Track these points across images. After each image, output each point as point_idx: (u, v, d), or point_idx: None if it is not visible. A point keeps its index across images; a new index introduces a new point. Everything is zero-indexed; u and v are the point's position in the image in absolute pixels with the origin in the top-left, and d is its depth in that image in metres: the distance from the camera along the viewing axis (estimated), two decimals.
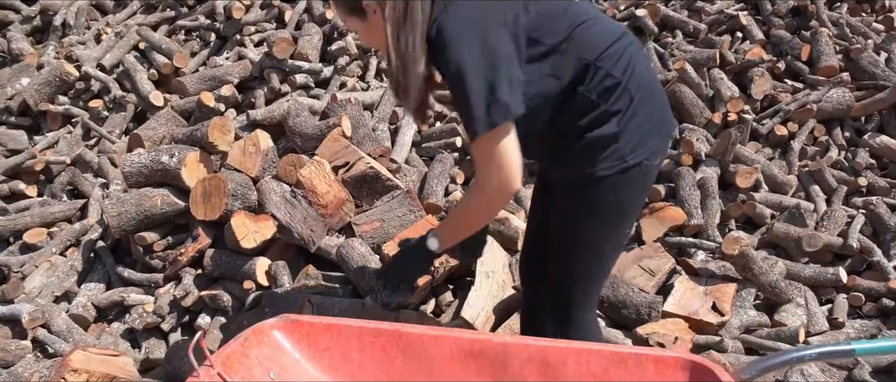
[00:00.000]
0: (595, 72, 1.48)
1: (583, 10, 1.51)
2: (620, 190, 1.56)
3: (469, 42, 1.38)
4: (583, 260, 1.68)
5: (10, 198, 3.29)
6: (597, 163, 1.52)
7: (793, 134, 3.42)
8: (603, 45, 1.48)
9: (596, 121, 1.50)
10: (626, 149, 1.51)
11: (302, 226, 2.49)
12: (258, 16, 3.96)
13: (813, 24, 3.90)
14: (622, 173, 1.53)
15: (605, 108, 1.49)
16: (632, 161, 1.52)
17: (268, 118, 3.09)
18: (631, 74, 1.50)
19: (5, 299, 2.58)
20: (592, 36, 1.49)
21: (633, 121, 1.51)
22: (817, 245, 2.78)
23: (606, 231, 1.64)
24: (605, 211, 1.60)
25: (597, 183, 1.54)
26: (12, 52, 4.02)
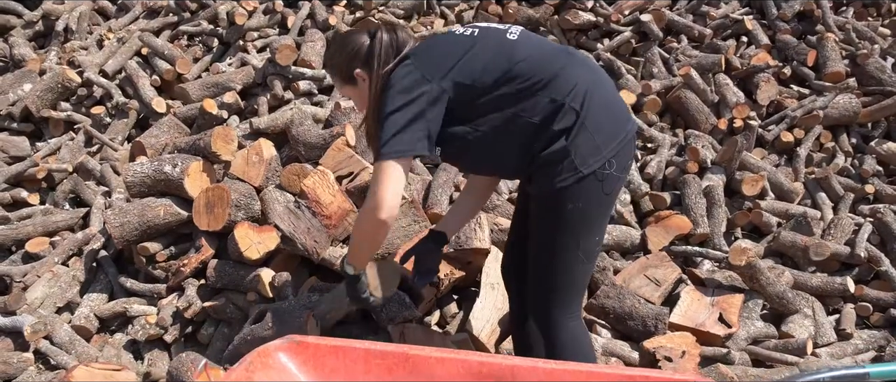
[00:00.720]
0: (536, 99, 1.67)
1: (520, 46, 1.70)
2: (579, 198, 1.70)
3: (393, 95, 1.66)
4: (556, 266, 1.80)
5: (13, 206, 3.28)
6: (554, 176, 1.69)
7: (799, 140, 3.40)
8: (540, 74, 1.67)
9: (546, 142, 1.67)
10: (578, 161, 1.67)
11: (306, 237, 2.47)
12: (261, 21, 3.94)
13: (819, 29, 3.89)
14: (578, 183, 1.68)
15: (552, 128, 1.66)
16: (585, 171, 1.67)
17: (271, 126, 3.07)
18: (573, 94, 1.66)
19: (7, 310, 2.57)
20: (529, 69, 1.67)
21: (582, 136, 1.66)
22: (824, 254, 2.76)
23: (573, 238, 1.76)
24: (568, 219, 1.73)
25: (557, 194, 1.70)
26: (14, 57, 4.01)
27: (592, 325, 2.52)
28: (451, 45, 1.72)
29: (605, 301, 2.52)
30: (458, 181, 3.05)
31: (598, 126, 1.68)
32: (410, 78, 1.67)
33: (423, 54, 1.72)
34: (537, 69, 1.68)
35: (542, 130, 1.67)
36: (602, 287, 2.57)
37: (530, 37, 1.77)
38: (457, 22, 4.05)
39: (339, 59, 1.81)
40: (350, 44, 1.79)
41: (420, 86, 1.65)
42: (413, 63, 1.69)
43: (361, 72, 1.76)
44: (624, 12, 4.03)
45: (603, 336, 2.47)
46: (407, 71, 1.68)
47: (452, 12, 4.09)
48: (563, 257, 1.77)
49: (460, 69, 1.67)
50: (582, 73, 1.70)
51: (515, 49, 1.70)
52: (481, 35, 1.73)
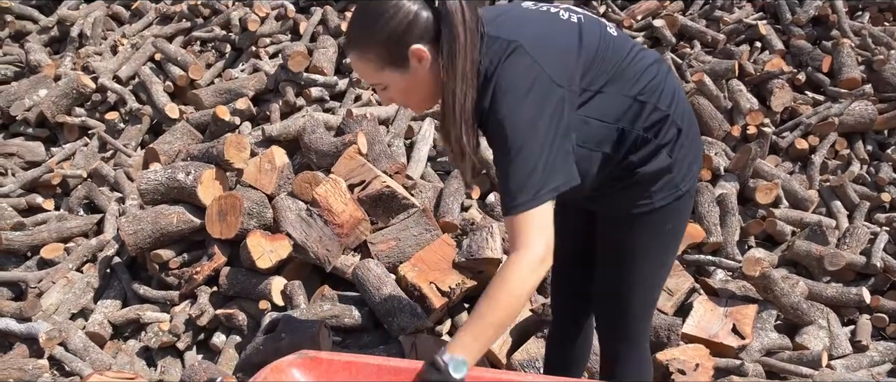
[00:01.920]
0: (641, 107, 1.43)
1: (622, 45, 1.45)
2: (675, 218, 1.56)
3: (531, 103, 1.26)
4: (640, 291, 1.63)
5: (28, 212, 3.31)
6: (653, 195, 1.50)
7: (814, 147, 3.36)
8: (646, 78, 1.43)
9: (648, 156, 1.46)
10: (679, 178, 1.50)
11: (317, 246, 2.48)
12: (273, 27, 3.96)
13: (834, 34, 3.85)
14: (677, 201, 1.52)
15: (657, 143, 1.45)
16: (684, 188, 1.52)
17: (283, 134, 3.08)
18: (675, 105, 1.48)
19: (23, 317, 2.59)
20: (634, 71, 1.43)
21: (682, 151, 1.49)
22: (839, 263, 2.73)
23: (663, 258, 1.63)
24: (662, 240, 1.58)
25: (653, 214, 1.51)
26: (30, 63, 4.05)
27: None
28: (562, 33, 1.37)
29: None
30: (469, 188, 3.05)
31: (692, 141, 1.52)
32: (538, 78, 1.27)
33: (539, 43, 1.31)
34: (644, 75, 1.43)
35: (645, 143, 1.44)
36: None
37: (624, 34, 1.52)
38: None
39: (385, 26, 1.27)
40: (397, 10, 1.26)
41: (551, 91, 1.28)
42: (532, 56, 1.28)
43: (422, 49, 1.28)
44: (636, 17, 4.01)
45: None
46: (530, 70, 1.27)
47: None
48: (652, 279, 1.62)
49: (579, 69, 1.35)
50: (676, 83, 1.52)
51: (620, 48, 1.43)
52: (587, 25, 1.41)
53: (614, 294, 1.65)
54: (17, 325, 2.58)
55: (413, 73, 1.31)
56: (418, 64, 1.30)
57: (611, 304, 1.68)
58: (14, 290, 2.88)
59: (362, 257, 2.61)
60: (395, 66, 1.31)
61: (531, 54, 1.28)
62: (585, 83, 1.37)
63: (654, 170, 1.46)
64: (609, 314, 1.71)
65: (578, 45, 1.36)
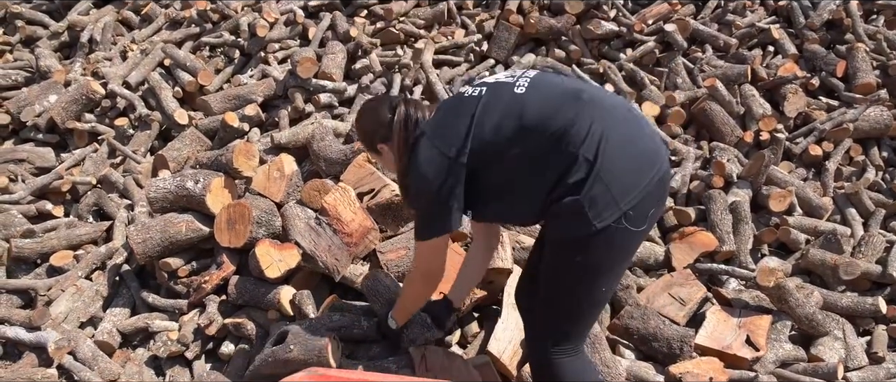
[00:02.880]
0: (549, 152, 1.65)
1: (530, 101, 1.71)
2: (588, 251, 1.69)
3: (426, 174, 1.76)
4: (558, 309, 1.83)
5: (38, 218, 3.31)
6: (566, 227, 1.69)
7: (828, 154, 3.32)
8: (551, 128, 1.65)
9: (561, 194, 1.65)
10: (592, 214, 1.63)
11: (326, 255, 2.46)
12: (282, 33, 3.95)
13: (849, 38, 3.80)
14: (589, 237, 1.65)
15: (566, 181, 1.63)
16: (599, 225, 1.63)
17: (292, 141, 3.07)
18: (587, 144, 1.62)
19: (32, 326, 2.59)
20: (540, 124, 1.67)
21: (596, 188, 1.62)
22: (855, 273, 2.69)
23: (578, 287, 1.77)
24: (574, 270, 1.74)
25: (567, 244, 1.71)
26: (40, 69, 4.06)
27: (616, 346, 2.48)
28: (461, 113, 1.77)
29: (629, 321, 2.48)
30: None
31: (614, 176, 1.63)
32: (431, 158, 1.76)
33: (437, 130, 1.79)
34: (548, 123, 1.67)
35: (557, 183, 1.66)
36: (625, 307, 2.53)
37: (540, 86, 1.75)
38: (477, 31, 4.03)
39: (365, 131, 1.96)
40: (374, 118, 1.91)
41: (441, 164, 1.74)
42: (430, 140, 1.78)
43: (384, 146, 1.90)
44: (647, 22, 3.97)
45: (627, 358, 2.43)
46: (427, 151, 1.77)
47: (473, 22, 4.07)
48: (566, 302, 1.81)
49: (473, 136, 1.72)
50: (597, 118, 1.65)
51: (525, 105, 1.70)
52: (489, 95, 1.76)
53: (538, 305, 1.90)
54: (27, 334, 2.58)
55: (385, 156, 1.95)
56: (387, 152, 1.92)
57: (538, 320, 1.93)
58: (24, 298, 2.88)
59: (372, 266, 2.60)
60: (374, 152, 1.97)
61: (429, 139, 1.78)
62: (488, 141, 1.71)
63: (564, 205, 1.64)
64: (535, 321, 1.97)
65: (475, 114, 1.73)
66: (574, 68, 3.75)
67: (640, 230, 1.70)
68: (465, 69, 3.90)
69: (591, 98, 1.70)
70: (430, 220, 1.83)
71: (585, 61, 3.87)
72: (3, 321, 2.67)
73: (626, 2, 4.11)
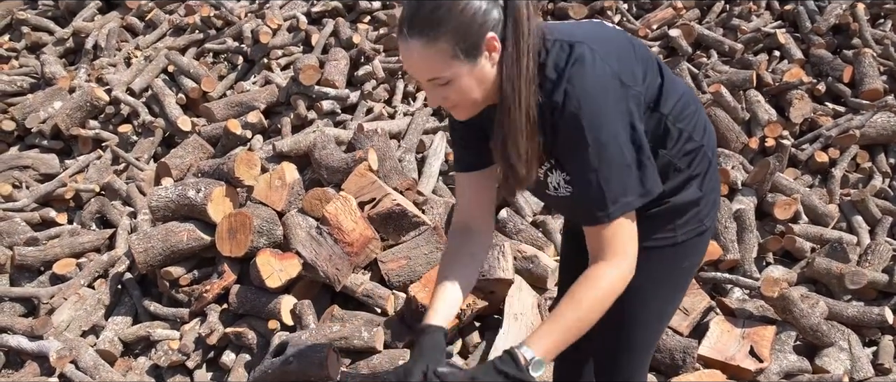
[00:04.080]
0: (679, 135, 1.36)
1: (661, 70, 1.38)
2: (694, 254, 1.49)
3: (610, 109, 1.21)
4: (642, 327, 1.52)
5: (41, 226, 3.32)
6: (677, 228, 1.42)
7: (834, 160, 3.29)
8: (681, 105, 1.37)
9: (679, 186, 1.39)
10: (704, 213, 1.44)
11: (327, 265, 2.45)
12: (285, 39, 3.95)
13: (855, 43, 3.77)
14: (699, 237, 1.45)
15: (689, 173, 1.39)
16: (707, 224, 1.46)
17: (294, 149, 3.07)
18: (707, 137, 1.43)
19: (34, 335, 2.59)
20: (672, 98, 1.36)
21: (710, 184, 1.44)
22: (861, 282, 2.66)
23: (673, 295, 1.54)
24: (678, 276, 1.50)
25: (674, 249, 1.44)
26: (45, 75, 4.08)
27: None
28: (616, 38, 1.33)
29: None
30: None
31: (717, 178, 1.48)
32: (610, 78, 1.22)
33: (599, 45, 1.25)
34: (680, 101, 1.37)
35: (677, 172, 1.37)
36: None
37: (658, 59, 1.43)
38: None
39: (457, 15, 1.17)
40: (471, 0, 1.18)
41: (625, 93, 1.23)
42: (598, 53, 1.22)
43: (496, 39, 1.20)
44: (652, 26, 3.96)
45: None
46: (601, 68, 1.21)
47: None
48: (658, 316, 1.53)
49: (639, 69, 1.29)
50: (706, 116, 1.46)
51: (665, 70, 1.38)
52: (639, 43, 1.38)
53: (617, 326, 1.46)
54: (29, 343, 2.58)
55: (480, 68, 1.22)
56: (487, 57, 1.22)
57: (612, 337, 1.51)
58: (27, 306, 2.89)
59: (372, 276, 2.59)
60: (467, 56, 1.20)
61: (598, 54, 1.22)
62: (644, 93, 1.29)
63: (683, 202, 1.40)
64: (608, 348, 1.55)
65: (631, 47, 1.32)
66: None
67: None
68: None
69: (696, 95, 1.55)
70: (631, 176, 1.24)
71: None
72: (6, 330, 2.68)
73: (630, 6, 4.10)
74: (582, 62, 1.20)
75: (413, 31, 1.20)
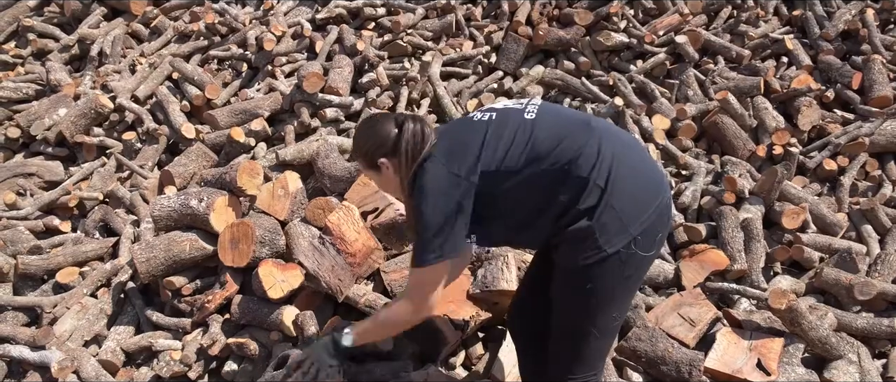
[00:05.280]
0: (560, 178, 1.66)
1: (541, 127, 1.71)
2: (598, 278, 1.70)
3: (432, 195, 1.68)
4: (570, 338, 1.83)
5: (45, 234, 3.32)
6: (578, 253, 1.68)
7: (843, 168, 3.25)
8: (563, 154, 1.66)
9: (571, 219, 1.66)
10: (603, 240, 1.65)
11: (330, 275, 2.44)
12: (289, 46, 3.94)
13: (865, 49, 3.72)
14: (601, 263, 1.67)
15: (577, 207, 1.65)
16: (610, 250, 1.66)
17: (297, 158, 3.05)
18: (598, 170, 1.65)
19: (36, 345, 2.59)
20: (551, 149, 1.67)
21: (607, 214, 1.64)
22: (870, 293, 2.62)
23: (590, 314, 1.78)
24: (587, 296, 1.74)
25: (579, 270, 1.70)
26: (51, 82, 4.08)
27: (623, 369, 2.43)
28: (471, 135, 1.73)
29: (637, 344, 2.43)
30: None
31: (624, 202, 1.66)
32: (441, 177, 1.68)
33: (447, 149, 1.73)
34: (559, 148, 1.67)
35: (567, 208, 1.66)
36: (634, 329, 2.48)
37: (548, 112, 1.76)
38: (485, 43, 4.00)
39: (366, 146, 1.82)
40: (377, 132, 1.80)
41: (451, 183, 1.67)
42: (440, 160, 1.71)
43: (386, 162, 1.79)
44: (658, 33, 3.92)
45: (635, 381, 2.38)
46: (436, 170, 1.70)
47: (481, 34, 4.04)
48: (578, 330, 1.80)
49: (484, 159, 1.68)
50: (606, 146, 1.68)
51: (535, 130, 1.71)
52: (499, 119, 1.75)
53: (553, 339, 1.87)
54: (31, 353, 2.58)
55: (384, 175, 1.83)
56: (386, 170, 1.81)
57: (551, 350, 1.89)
58: (30, 315, 2.89)
59: (375, 286, 2.57)
60: (374, 169, 1.84)
61: (438, 158, 1.71)
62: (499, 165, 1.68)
63: (577, 229, 1.66)
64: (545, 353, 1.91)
65: (486, 138, 1.71)
66: (583, 80, 3.70)
67: (649, 254, 1.74)
68: (473, 81, 3.87)
69: (599, 125, 1.76)
70: (433, 242, 1.70)
71: (595, 73, 3.83)
72: (8, 339, 2.68)
73: (636, 13, 4.07)
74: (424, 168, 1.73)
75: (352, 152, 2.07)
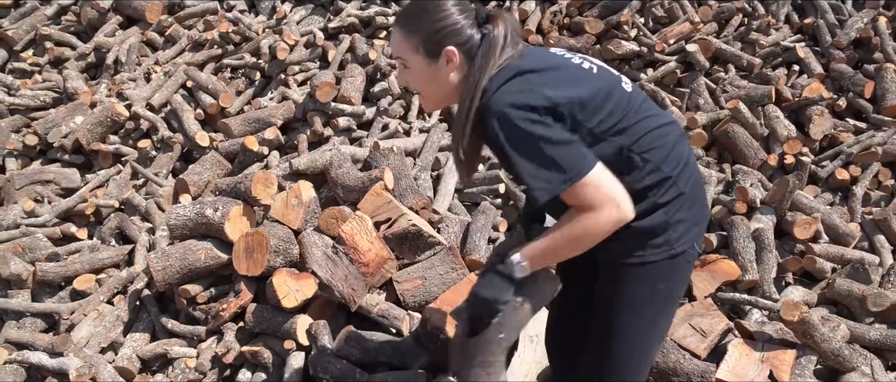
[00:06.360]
0: (644, 164, 1.50)
1: (632, 102, 1.53)
2: (667, 277, 1.59)
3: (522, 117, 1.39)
4: (625, 349, 1.65)
5: (62, 241, 3.37)
6: (646, 249, 1.55)
7: (855, 178, 3.24)
8: (651, 139, 1.51)
9: (645, 211, 1.52)
10: (674, 237, 1.55)
11: (343, 285, 2.46)
12: (302, 55, 3.98)
13: (877, 58, 3.72)
14: (670, 260, 1.56)
15: (655, 200, 1.52)
16: (678, 249, 1.56)
17: (310, 167, 3.08)
18: (681, 170, 1.54)
19: (55, 352, 2.63)
20: (640, 129, 1.51)
21: (681, 213, 1.55)
22: (884, 304, 2.61)
23: (654, 318, 1.65)
24: (656, 298, 1.61)
25: (645, 268, 1.56)
26: (68, 90, 4.14)
27: None
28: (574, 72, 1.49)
29: None
30: (496, 221, 3.01)
31: (693, 208, 1.57)
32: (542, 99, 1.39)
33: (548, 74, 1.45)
34: (650, 135, 1.50)
35: (642, 197, 1.49)
36: None
37: (640, 93, 1.58)
38: None
39: (429, 23, 1.47)
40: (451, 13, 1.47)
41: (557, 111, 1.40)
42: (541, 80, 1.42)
43: (454, 52, 1.47)
44: (668, 41, 3.93)
45: None
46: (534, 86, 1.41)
47: None
48: (640, 339, 1.63)
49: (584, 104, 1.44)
50: (688, 150, 1.58)
51: (632, 102, 1.52)
52: (600, 73, 1.52)
53: (599, 348, 1.67)
54: (49, 360, 2.62)
55: (436, 68, 1.50)
56: (445, 63, 1.49)
57: (596, 359, 1.69)
58: (47, 321, 2.93)
59: (387, 296, 2.59)
60: (426, 55, 1.50)
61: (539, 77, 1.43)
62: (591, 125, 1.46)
63: (648, 226, 1.52)
64: (592, 369, 1.70)
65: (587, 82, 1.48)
66: None
67: (697, 253, 1.64)
68: None
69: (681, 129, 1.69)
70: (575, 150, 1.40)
71: None
72: (27, 346, 2.72)
73: (646, 21, 4.07)
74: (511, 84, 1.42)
75: (399, 22, 1.55)
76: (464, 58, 1.48)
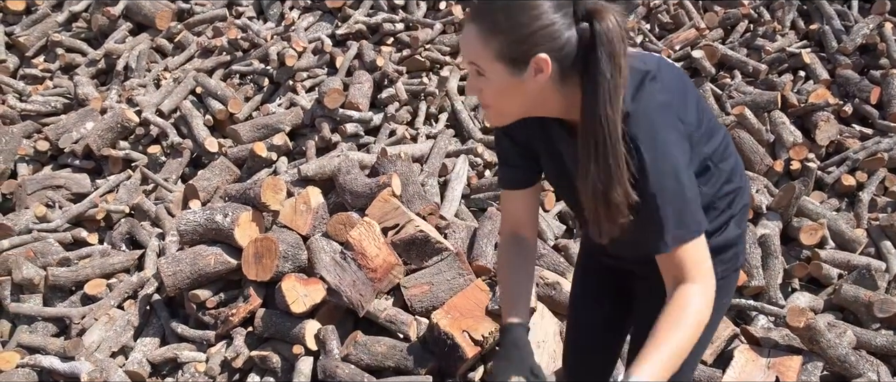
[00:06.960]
0: (719, 175, 1.35)
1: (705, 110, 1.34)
2: (728, 292, 1.48)
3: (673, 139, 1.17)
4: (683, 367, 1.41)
5: (73, 245, 3.40)
6: (717, 265, 1.29)
7: (861, 184, 3.25)
8: (723, 148, 1.35)
9: (722, 226, 1.39)
10: (741, 249, 1.45)
11: (351, 290, 2.49)
12: (310, 61, 4.01)
13: (883, 63, 3.72)
14: (735, 273, 1.47)
15: (730, 213, 1.40)
16: (741, 261, 1.47)
17: (318, 173, 3.11)
18: (742, 175, 1.42)
19: (66, 356, 2.66)
20: (716, 139, 1.33)
21: (744, 223, 1.45)
22: (890, 310, 2.62)
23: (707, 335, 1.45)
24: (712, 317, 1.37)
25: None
26: (78, 96, 4.18)
27: None
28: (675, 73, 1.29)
29: None
30: None
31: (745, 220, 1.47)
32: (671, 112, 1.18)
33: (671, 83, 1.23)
34: (728, 142, 1.38)
35: (718, 210, 1.36)
36: None
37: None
38: None
39: (517, 25, 1.13)
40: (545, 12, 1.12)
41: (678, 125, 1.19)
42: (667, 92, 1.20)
43: (547, 61, 1.14)
44: (674, 47, 3.95)
45: None
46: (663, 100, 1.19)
47: None
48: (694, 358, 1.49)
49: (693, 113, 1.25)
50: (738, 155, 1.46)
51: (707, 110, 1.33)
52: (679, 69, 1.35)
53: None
54: (61, 364, 2.65)
55: (521, 80, 1.17)
56: (534, 75, 1.16)
57: None
58: (59, 325, 2.97)
59: (395, 301, 2.62)
60: (509, 65, 1.16)
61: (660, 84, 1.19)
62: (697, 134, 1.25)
63: (726, 241, 1.39)
64: None
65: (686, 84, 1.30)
66: None
67: None
68: None
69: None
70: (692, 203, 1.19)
71: None
72: (39, 350, 2.76)
73: (652, 27, 4.09)
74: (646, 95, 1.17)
75: (476, 19, 1.19)
76: (556, 66, 1.15)
